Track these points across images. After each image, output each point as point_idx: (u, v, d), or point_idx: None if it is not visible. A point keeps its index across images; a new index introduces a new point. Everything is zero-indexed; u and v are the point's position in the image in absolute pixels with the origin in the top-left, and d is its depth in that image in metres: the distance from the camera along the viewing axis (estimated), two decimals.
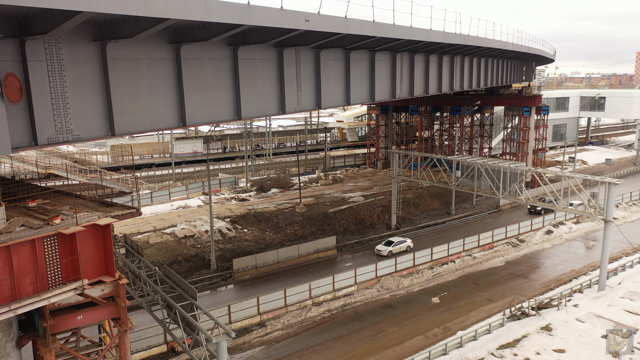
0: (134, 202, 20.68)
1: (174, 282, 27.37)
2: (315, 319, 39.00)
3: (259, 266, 47.92)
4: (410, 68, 36.43)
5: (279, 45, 24.06)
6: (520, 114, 73.53)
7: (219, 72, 21.39)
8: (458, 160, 51.44)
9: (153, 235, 51.41)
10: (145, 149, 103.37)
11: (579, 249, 53.97)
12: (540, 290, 43.03)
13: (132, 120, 18.22)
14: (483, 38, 39.47)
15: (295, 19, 19.32)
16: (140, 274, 28.39)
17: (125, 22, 15.86)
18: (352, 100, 30.09)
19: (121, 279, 15.46)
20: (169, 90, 19.37)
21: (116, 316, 16.07)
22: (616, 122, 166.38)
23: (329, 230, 57.06)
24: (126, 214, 17.22)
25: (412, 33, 28.44)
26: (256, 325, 38.10)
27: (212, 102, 21.36)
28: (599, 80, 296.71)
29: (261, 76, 23.61)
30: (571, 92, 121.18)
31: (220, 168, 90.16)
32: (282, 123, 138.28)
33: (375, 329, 37.11)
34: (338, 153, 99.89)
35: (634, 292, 37.65)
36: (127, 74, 17.89)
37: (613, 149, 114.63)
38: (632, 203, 68.80)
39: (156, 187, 72.54)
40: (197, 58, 20.25)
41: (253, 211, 59.11)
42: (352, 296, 42.71)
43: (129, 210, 17.64)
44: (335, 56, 28.36)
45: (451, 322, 37.82)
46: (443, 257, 49.70)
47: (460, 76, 45.31)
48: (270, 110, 24.43)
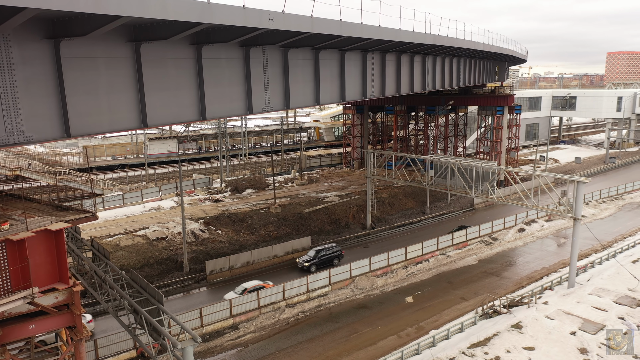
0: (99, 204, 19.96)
1: (140, 287, 26.75)
2: (289, 321, 38.65)
3: (232, 268, 47.34)
4: (381, 68, 36.36)
5: (245, 44, 23.63)
6: (493, 113, 74.44)
7: (182, 71, 20.86)
8: (431, 159, 51.71)
9: (124, 238, 50.36)
10: (119, 150, 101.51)
11: (551, 246, 54.83)
12: (512, 288, 43.49)
13: (90, 121, 17.58)
14: (454, 38, 39.67)
15: (258, 17, 18.94)
16: (106, 278, 27.69)
17: (78, 20, 15.23)
18: (322, 100, 29.83)
19: (75, 286, 14.88)
20: (129, 90, 18.78)
21: (71, 324, 15.47)
22: (587, 121, 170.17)
23: (304, 231, 56.75)
24: (81, 218, 16.61)
25: (381, 33, 28.32)
26: (229, 328, 37.57)
27: (175, 102, 20.82)
28: (571, 80, 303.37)
29: (227, 75, 23.14)
30: (543, 92, 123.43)
31: (195, 168, 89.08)
32: (259, 123, 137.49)
33: (349, 330, 36.96)
34: (314, 153, 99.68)
35: (602, 288, 38.33)
36: (84, 73, 17.22)
37: (584, 148, 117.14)
38: (601, 200, 70.27)
39: (128, 189, 71.14)
40: (159, 57, 19.69)
41: (227, 212, 58.44)
42: (326, 297, 42.49)
43: (85, 214, 17.03)
44: (304, 55, 28.06)
45: (424, 322, 37.92)
46: (417, 256, 49.85)
47: (432, 76, 45.50)
48: (236, 110, 23.98)
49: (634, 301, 35.98)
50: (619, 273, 40.87)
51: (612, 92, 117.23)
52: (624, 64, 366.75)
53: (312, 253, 47.91)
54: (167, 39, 18.23)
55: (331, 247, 48.83)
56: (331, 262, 47.56)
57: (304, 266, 46.67)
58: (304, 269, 46.44)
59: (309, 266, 46.38)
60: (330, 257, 47.79)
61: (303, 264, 46.89)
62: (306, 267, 46.46)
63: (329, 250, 48.18)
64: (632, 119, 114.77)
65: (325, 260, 47.33)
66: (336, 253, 48.39)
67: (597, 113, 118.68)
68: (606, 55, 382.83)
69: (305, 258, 47.64)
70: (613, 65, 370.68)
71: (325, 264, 47.05)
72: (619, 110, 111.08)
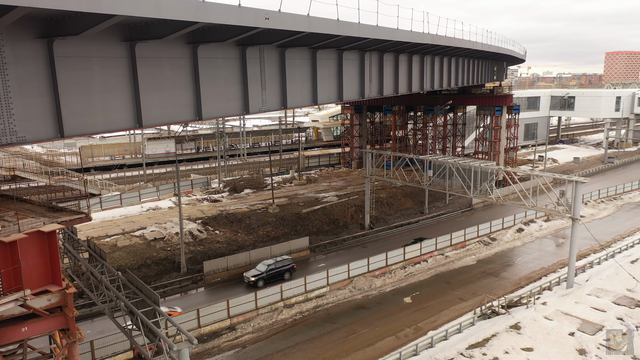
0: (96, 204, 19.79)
1: (136, 288, 26.59)
2: (287, 322, 38.49)
3: (230, 268, 47.16)
4: (379, 67, 36.22)
5: (242, 44, 23.46)
6: (491, 113, 74.32)
7: (177, 71, 20.69)
8: (430, 159, 51.58)
9: (121, 238, 50.16)
10: (117, 150, 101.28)
11: (549, 246, 54.73)
12: (510, 289, 43.37)
13: (84, 121, 17.39)
14: (452, 38, 39.53)
15: (254, 16, 18.77)
16: (102, 279, 27.53)
17: (71, 19, 15.05)
18: (320, 100, 29.67)
19: (69, 288, 14.71)
20: (124, 89, 18.58)
21: (64, 327, 15.30)
22: (586, 121, 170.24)
23: (302, 231, 56.59)
24: (75, 219, 16.44)
25: (378, 32, 28.15)
26: (226, 328, 37.40)
27: (171, 102, 20.64)
28: (569, 80, 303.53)
29: (223, 75, 22.98)
30: (542, 92, 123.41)
31: (193, 169, 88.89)
32: (257, 123, 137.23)
33: (347, 331, 36.81)
34: (312, 153, 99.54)
35: (600, 289, 38.22)
36: (78, 73, 17.03)
37: (582, 148, 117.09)
38: (600, 200, 70.21)
39: (126, 189, 70.95)
40: (154, 56, 19.52)
41: (225, 212, 58.25)
42: (325, 297, 42.33)
43: (78, 215, 16.86)
44: (302, 55, 27.90)
45: (423, 322, 37.77)
46: (416, 256, 49.70)
47: (430, 76, 45.36)
48: (233, 110, 23.81)
49: (633, 302, 35.88)
50: (618, 273, 40.77)
51: (610, 92, 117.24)
52: (623, 64, 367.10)
53: (261, 267, 44.68)
54: (162, 38, 18.06)
55: (283, 260, 45.76)
56: (281, 276, 44.59)
57: (250, 281, 43.26)
58: (251, 284, 43.12)
59: (256, 281, 43.16)
60: (280, 271, 44.79)
61: (250, 279, 43.41)
62: (252, 282, 43.11)
63: (280, 264, 45.11)
64: (630, 118, 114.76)
65: (275, 275, 44.28)
66: (287, 267, 45.29)
67: (595, 113, 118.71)
68: (604, 55, 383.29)
69: (252, 272, 44.33)
70: (611, 65, 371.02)
71: (275, 278, 44.02)
72: (617, 110, 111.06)
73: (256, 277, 43.59)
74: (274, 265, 44.69)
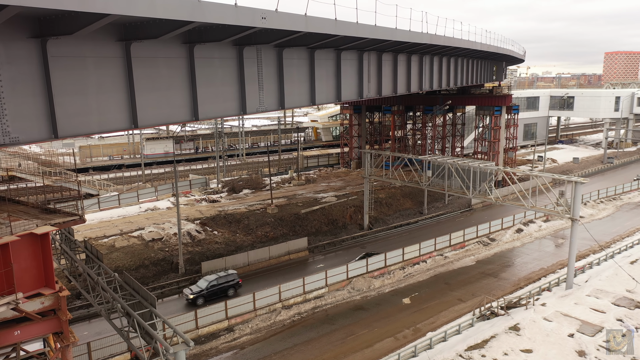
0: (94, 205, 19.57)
1: (133, 289, 26.41)
2: (285, 323, 38.31)
3: (228, 269, 46.94)
4: (377, 67, 36.03)
5: (239, 44, 23.26)
6: (491, 113, 74.15)
7: (173, 71, 20.50)
8: (429, 160, 51.40)
9: (120, 239, 49.97)
10: (115, 150, 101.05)
11: (549, 247, 54.57)
12: (510, 289, 43.22)
13: (78, 122, 17.18)
14: (450, 37, 39.36)
15: (251, 16, 18.59)
16: (99, 280, 27.35)
17: (65, 18, 14.87)
18: (318, 100, 29.49)
19: (62, 291, 14.52)
20: (119, 90, 18.37)
21: (58, 330, 15.10)
22: (585, 121, 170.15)
23: (301, 232, 56.40)
24: (69, 221, 16.24)
25: (376, 32, 27.98)
26: (224, 330, 37.21)
27: (167, 102, 20.45)
28: (568, 80, 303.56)
29: (220, 75, 22.78)
30: (541, 92, 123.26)
31: (192, 169, 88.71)
32: (256, 123, 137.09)
33: (346, 332, 36.63)
34: (311, 153, 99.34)
35: (600, 290, 38.05)
36: (72, 73, 16.83)
37: (582, 148, 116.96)
38: (599, 201, 70.06)
39: (124, 189, 70.73)
40: (150, 56, 19.33)
41: (223, 213, 58.06)
42: (323, 298, 42.16)
43: (72, 217, 16.65)
44: (299, 55, 27.71)
45: (421, 323, 37.60)
46: (415, 257, 49.53)
47: (429, 76, 45.19)
48: (230, 110, 23.61)
49: (632, 302, 35.72)
50: (617, 274, 40.61)
51: (609, 92, 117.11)
52: (622, 64, 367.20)
53: (202, 283, 41.42)
54: (157, 38, 17.86)
55: (227, 275, 42.34)
56: (225, 292, 41.39)
57: (188, 299, 40.22)
58: (189, 302, 40.20)
59: (195, 298, 40.04)
60: (223, 287, 41.55)
61: (188, 297, 40.27)
62: (191, 299, 40.04)
63: (223, 280, 41.75)
64: (629, 118, 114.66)
65: (217, 291, 41.08)
66: (231, 283, 42.09)
67: (595, 113, 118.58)
68: (604, 55, 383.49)
69: (192, 289, 41.16)
70: (611, 65, 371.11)
71: (217, 295, 40.84)
72: (616, 110, 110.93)
73: (195, 294, 40.34)
74: (216, 281, 41.32)
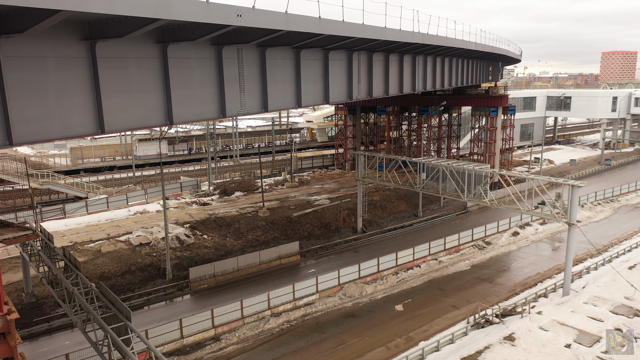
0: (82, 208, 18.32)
1: (109, 301, 25.19)
2: (274, 331, 37.14)
3: (217, 275, 45.79)
4: (368, 68, 34.83)
5: (218, 43, 22.04)
6: (487, 114, 73.04)
7: (145, 72, 19.25)
8: (423, 162, 50.25)
9: (106, 244, 48.76)
10: (107, 151, 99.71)
11: (545, 250, 53.47)
12: (505, 295, 42.10)
13: (37, 127, 15.90)
14: (444, 37, 38.16)
15: (224, 13, 17.32)
16: (74, 291, 26.17)
17: (16, 15, 13.63)
18: (304, 102, 28.28)
19: (10, 314, 13.30)
20: (83, 92, 17.10)
21: (8, 355, 13.90)
22: (582, 121, 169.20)
23: (293, 235, 55.22)
24: (20, 236, 15.02)
25: (365, 31, 26.78)
26: (210, 339, 36.02)
27: (138, 105, 19.19)
28: (566, 80, 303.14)
29: (197, 76, 21.56)
30: (538, 92, 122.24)
31: (183, 170, 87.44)
32: (251, 123, 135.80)
33: (336, 341, 35.48)
34: (306, 154, 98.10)
35: (597, 297, 36.93)
36: (29, 74, 15.56)
37: (579, 148, 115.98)
38: (597, 203, 69.02)
39: (114, 192, 69.44)
40: (118, 56, 18.10)
41: (214, 216, 56.85)
42: (314, 305, 40.96)
43: (24, 232, 15.43)
44: (284, 55, 26.50)
45: (414, 332, 36.46)
46: (408, 261, 48.38)
47: (422, 76, 44.00)
48: (208, 113, 22.41)
49: (631, 310, 34.60)
50: (615, 280, 39.51)
51: (607, 92, 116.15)
52: (619, 64, 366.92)
53: None
54: (123, 37, 16.61)
55: None
56: None
57: None
58: None
59: None
60: None
61: None
62: None
63: None
64: (627, 119, 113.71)
65: None
66: None
67: (592, 113, 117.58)
68: (601, 55, 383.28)
69: None
70: (608, 65, 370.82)
71: None
72: (614, 111, 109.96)
73: None
74: None
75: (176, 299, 43.10)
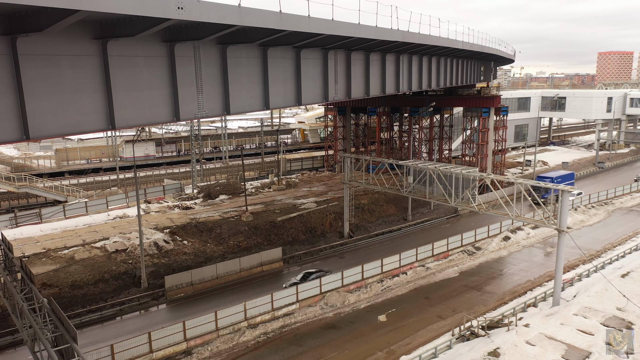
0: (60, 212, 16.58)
1: (58, 319, 23.34)
2: (249, 344, 35.31)
3: (195, 283, 43.96)
4: (346, 67, 32.99)
5: (169, 40, 20.21)
6: (479, 115, 71.29)
7: (81, 71, 17.28)
8: (410, 165, 48.48)
9: (81, 250, 46.86)
10: (93, 153, 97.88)
11: (537, 256, 51.75)
12: (493, 305, 40.38)
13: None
14: (426, 35, 36.30)
15: (162, 5, 15.28)
16: (23, 307, 24.35)
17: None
18: (272, 104, 26.44)
19: None
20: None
21: None
22: (578, 122, 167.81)
23: (276, 241, 53.40)
24: None
25: (335, 27, 24.93)
26: (181, 353, 34.19)
27: (72, 108, 17.09)
28: (562, 80, 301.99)
29: (145, 76, 19.69)
30: (533, 92, 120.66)
31: (170, 172, 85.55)
32: (243, 124, 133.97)
33: (314, 355, 33.68)
34: (295, 156, 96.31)
35: (588, 307, 35.16)
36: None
37: (574, 149, 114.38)
38: (590, 205, 67.30)
39: (95, 195, 67.52)
40: (47, 54, 16.20)
41: (195, 221, 54.98)
42: (293, 316, 39.11)
43: None
44: (249, 54, 24.66)
45: (396, 344, 34.68)
46: (394, 268, 46.52)
47: (407, 76, 42.17)
48: (159, 117, 20.55)
49: (623, 323, 32.82)
50: (607, 289, 37.76)
51: (602, 92, 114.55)
52: (615, 64, 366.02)
53: None
54: (42, 32, 14.68)
55: None
56: None
57: None
58: None
59: None
60: None
61: None
62: None
63: None
64: (622, 119, 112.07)
65: None
66: None
67: (587, 114, 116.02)
68: (597, 56, 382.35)
69: None
70: (604, 65, 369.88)
71: None
72: (609, 111, 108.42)
73: None
74: None
75: (151, 309, 41.27)
